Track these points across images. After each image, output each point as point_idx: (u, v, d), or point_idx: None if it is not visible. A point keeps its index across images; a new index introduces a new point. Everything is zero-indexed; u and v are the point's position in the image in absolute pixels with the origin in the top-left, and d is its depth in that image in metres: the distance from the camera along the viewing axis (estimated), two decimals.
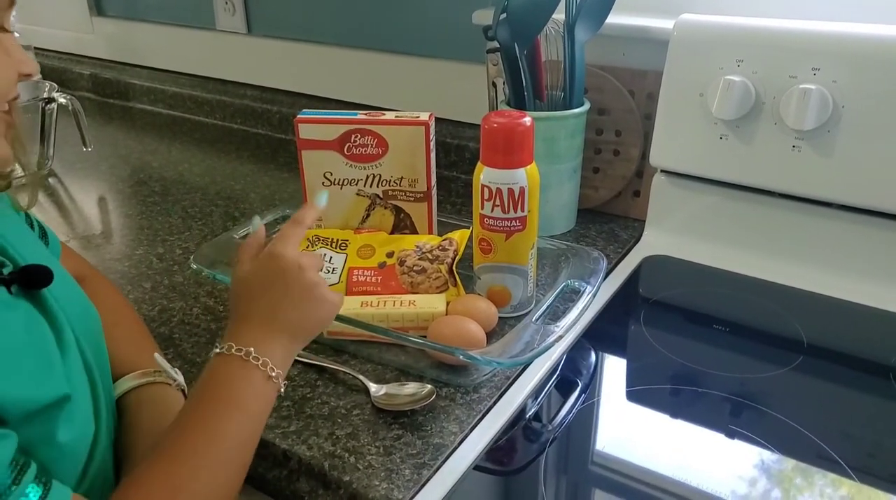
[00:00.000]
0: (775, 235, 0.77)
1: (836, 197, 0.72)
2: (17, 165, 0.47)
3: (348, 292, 0.67)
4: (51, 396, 0.40)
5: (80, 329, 0.46)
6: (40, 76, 1.33)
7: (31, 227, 0.54)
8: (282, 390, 0.47)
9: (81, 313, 0.48)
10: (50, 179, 1.07)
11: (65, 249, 0.61)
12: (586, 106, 0.80)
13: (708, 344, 0.67)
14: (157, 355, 0.55)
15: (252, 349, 0.45)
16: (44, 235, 0.56)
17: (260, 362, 0.45)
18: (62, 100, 1.02)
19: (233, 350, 0.45)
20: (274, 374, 0.46)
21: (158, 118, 1.37)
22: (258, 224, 0.54)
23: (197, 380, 0.46)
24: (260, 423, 0.46)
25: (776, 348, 0.66)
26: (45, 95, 1.02)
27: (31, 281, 0.42)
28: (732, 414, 0.57)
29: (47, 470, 0.38)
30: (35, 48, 1.34)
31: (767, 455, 0.53)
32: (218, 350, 0.46)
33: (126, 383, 0.53)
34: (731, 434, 0.55)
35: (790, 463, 0.53)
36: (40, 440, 0.39)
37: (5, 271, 0.42)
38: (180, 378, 0.55)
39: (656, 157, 0.81)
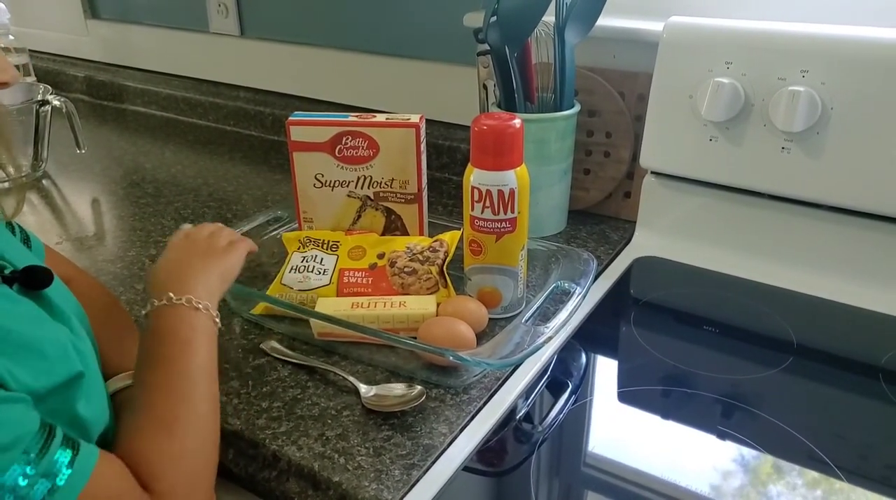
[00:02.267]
0: (765, 237, 0.78)
1: (825, 198, 0.73)
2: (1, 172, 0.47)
3: (339, 294, 0.67)
4: (65, 374, 0.42)
5: (78, 328, 0.47)
6: (35, 79, 1.33)
7: (13, 232, 0.54)
8: (217, 321, 0.52)
9: (75, 313, 0.48)
10: (43, 181, 1.07)
11: (49, 251, 0.61)
12: (577, 108, 0.81)
13: (698, 345, 0.68)
14: None
15: (171, 294, 0.51)
16: (26, 239, 0.56)
17: (184, 299, 0.51)
18: (56, 102, 1.02)
19: (155, 303, 0.51)
20: (201, 305, 0.51)
21: (152, 120, 1.37)
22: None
23: (146, 330, 0.51)
24: (208, 353, 0.51)
25: (766, 350, 0.66)
26: (40, 98, 1.02)
27: (33, 282, 0.45)
28: (723, 415, 0.58)
29: (79, 425, 0.41)
30: (29, 50, 1.34)
31: (757, 456, 0.53)
32: (144, 312, 0.51)
33: (114, 385, 0.53)
34: (721, 436, 0.55)
35: (780, 464, 0.53)
36: (62, 415, 0.41)
37: (7, 272, 0.44)
38: None
39: (647, 158, 0.81)
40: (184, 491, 0.44)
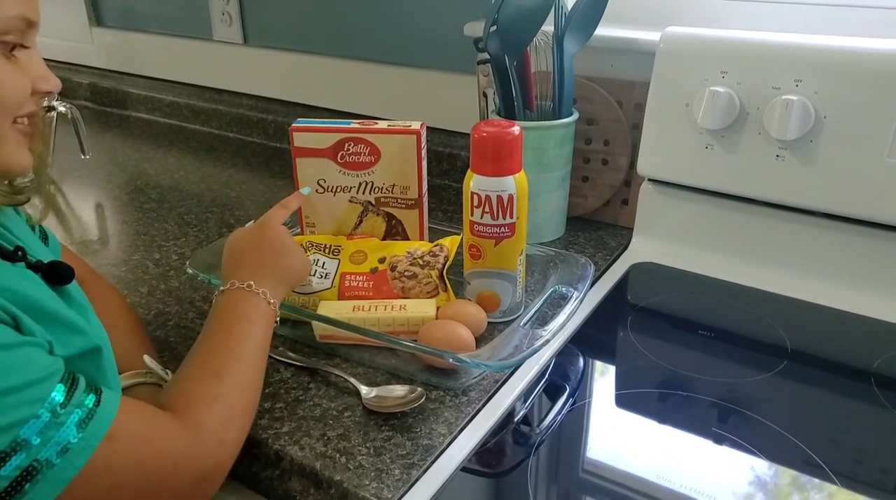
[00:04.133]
0: (760, 243, 0.79)
1: (818, 205, 0.74)
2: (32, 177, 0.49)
3: (340, 297, 0.68)
4: (85, 344, 0.45)
5: (95, 322, 0.49)
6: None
7: (33, 230, 0.55)
8: (277, 320, 0.56)
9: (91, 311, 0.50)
10: (49, 186, 1.08)
11: (65, 251, 0.62)
12: (575, 116, 0.82)
13: (694, 350, 0.68)
14: (146, 357, 0.56)
15: (252, 283, 0.55)
16: (45, 237, 0.57)
17: (260, 291, 0.55)
18: (62, 108, 1.03)
19: (236, 285, 0.55)
20: (272, 301, 0.55)
21: (155, 127, 1.39)
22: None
23: (213, 309, 0.55)
24: (267, 336, 0.54)
25: (760, 354, 0.67)
26: (46, 104, 1.03)
27: (57, 276, 0.47)
28: (719, 419, 0.58)
29: (94, 382, 0.44)
30: None
31: (753, 460, 0.54)
32: (222, 288, 0.55)
33: (122, 382, 0.54)
34: (717, 439, 0.56)
35: (775, 468, 0.54)
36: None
37: (32, 261, 0.46)
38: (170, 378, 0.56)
39: (644, 166, 0.83)
40: (219, 427, 0.47)
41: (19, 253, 0.45)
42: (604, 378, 0.65)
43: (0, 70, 0.42)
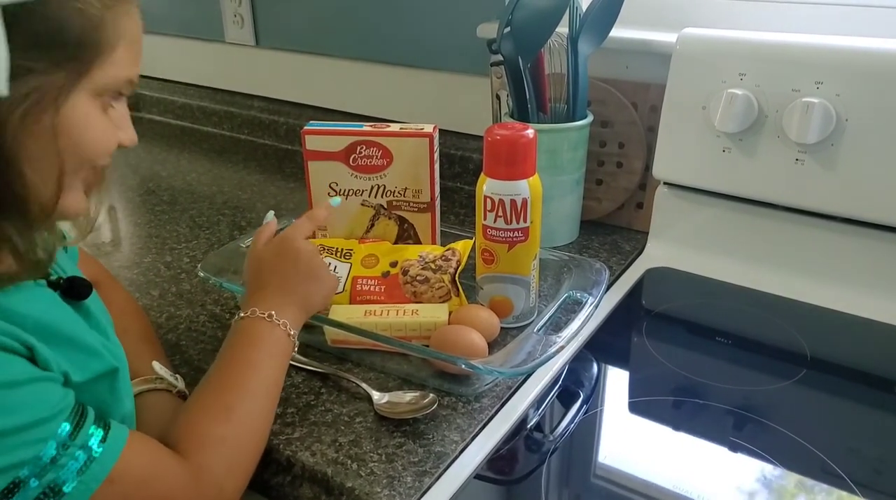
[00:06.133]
0: (778, 248, 0.77)
1: (839, 210, 0.72)
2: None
3: (352, 301, 0.68)
4: (100, 368, 0.45)
5: (113, 335, 0.49)
6: None
7: None
8: (295, 349, 0.55)
9: (108, 321, 0.51)
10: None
11: (82, 254, 0.62)
12: (589, 118, 0.81)
13: (710, 356, 0.67)
14: (155, 363, 0.56)
15: (273, 312, 0.54)
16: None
17: (280, 322, 0.53)
18: None
19: (257, 313, 0.53)
20: (292, 333, 0.54)
21: (167, 129, 1.39)
22: (271, 217, 0.64)
23: (225, 339, 0.53)
24: (282, 371, 0.54)
25: (779, 362, 0.66)
26: None
27: (75, 291, 0.47)
28: (735, 427, 0.57)
29: (104, 415, 0.43)
30: None
31: (770, 469, 0.53)
32: (242, 315, 0.54)
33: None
34: (733, 447, 0.55)
35: (793, 478, 0.52)
36: (95, 407, 0.44)
37: (53, 278, 0.46)
38: (180, 385, 0.56)
39: (659, 169, 0.82)
40: (223, 472, 0.46)
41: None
42: (618, 385, 0.64)
43: (97, 124, 0.42)
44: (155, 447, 0.45)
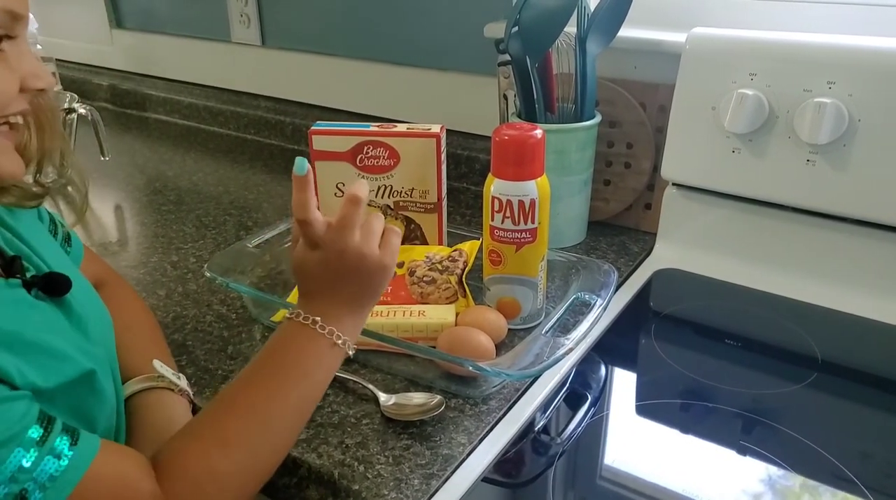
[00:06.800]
0: (788, 250, 0.77)
1: (851, 212, 0.72)
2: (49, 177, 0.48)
3: None
4: (73, 373, 0.42)
5: (96, 333, 0.48)
6: (61, 87, 1.36)
7: (55, 235, 0.55)
8: (350, 353, 0.49)
9: (96, 318, 0.49)
10: (69, 188, 1.09)
11: (88, 253, 0.62)
12: (597, 118, 0.81)
13: (719, 359, 0.67)
14: (156, 361, 0.55)
15: (319, 318, 0.47)
16: (67, 240, 0.57)
17: (326, 330, 0.47)
18: (82, 110, 1.04)
19: (300, 318, 0.47)
20: (340, 341, 0.47)
21: (174, 128, 1.39)
22: (306, 167, 0.47)
23: (266, 342, 0.48)
24: (320, 391, 0.48)
25: (789, 364, 0.65)
26: (66, 106, 1.04)
27: (52, 288, 0.45)
28: (744, 430, 0.57)
29: (73, 426, 0.40)
30: (56, 60, 1.37)
31: (780, 473, 0.52)
32: (289, 316, 0.48)
33: (130, 387, 0.53)
34: (742, 451, 0.55)
35: (804, 482, 0.52)
36: (69, 413, 0.42)
37: (28, 276, 0.44)
38: (183, 384, 0.55)
39: (668, 170, 0.81)
40: None
41: (16, 264, 0.44)
42: (626, 387, 0.64)
43: None
44: (125, 466, 0.41)
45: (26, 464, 0.37)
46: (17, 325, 0.40)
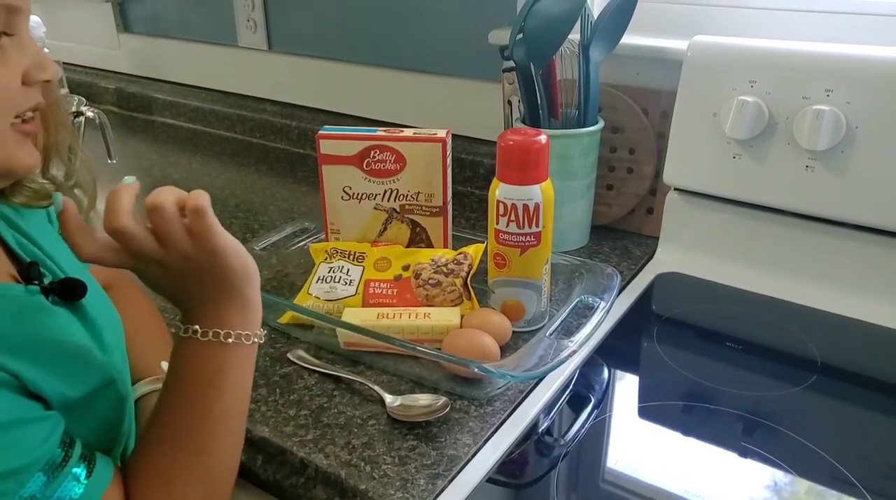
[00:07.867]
0: (788, 254, 0.78)
1: (849, 217, 0.73)
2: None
3: (365, 304, 0.68)
4: (94, 382, 0.43)
5: (110, 338, 0.48)
6: (68, 90, 1.37)
7: None
8: (258, 340, 0.46)
9: (110, 322, 0.50)
10: (75, 190, 1.10)
11: None
12: (600, 124, 0.82)
13: (721, 362, 0.68)
14: (164, 363, 0.56)
15: (198, 326, 0.44)
16: None
17: (210, 334, 0.44)
18: (90, 113, 1.05)
19: (181, 332, 0.45)
20: (230, 339, 0.44)
21: (180, 132, 1.40)
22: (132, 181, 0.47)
23: (168, 366, 0.46)
24: (241, 391, 0.46)
25: (790, 367, 0.66)
26: (74, 109, 1.05)
27: (69, 293, 0.45)
28: (745, 432, 0.58)
29: (91, 449, 0.41)
30: (63, 63, 1.38)
31: (781, 475, 0.53)
32: (174, 333, 0.46)
33: (140, 389, 0.54)
34: (743, 453, 0.55)
35: (804, 484, 0.53)
36: (88, 421, 0.42)
37: (45, 282, 0.44)
38: None
39: (670, 175, 0.82)
40: None
41: (34, 269, 0.44)
42: (629, 390, 0.65)
43: None
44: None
45: (45, 490, 0.37)
46: (42, 334, 0.40)
